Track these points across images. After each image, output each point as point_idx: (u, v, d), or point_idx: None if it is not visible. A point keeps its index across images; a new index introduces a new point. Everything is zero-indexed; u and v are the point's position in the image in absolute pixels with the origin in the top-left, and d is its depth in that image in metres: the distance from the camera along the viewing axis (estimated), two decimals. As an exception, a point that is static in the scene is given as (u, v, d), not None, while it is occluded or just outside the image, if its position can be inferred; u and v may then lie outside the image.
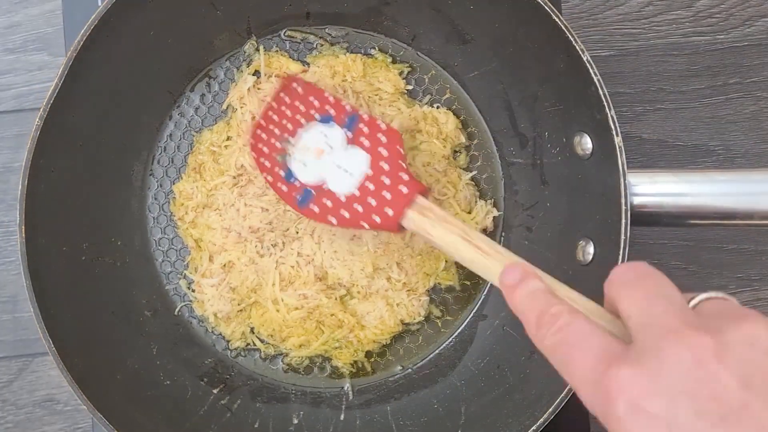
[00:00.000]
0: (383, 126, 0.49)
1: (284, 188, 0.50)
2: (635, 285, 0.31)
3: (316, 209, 0.48)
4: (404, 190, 0.46)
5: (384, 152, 0.48)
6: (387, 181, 0.47)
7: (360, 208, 0.47)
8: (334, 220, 0.48)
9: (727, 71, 0.63)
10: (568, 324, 0.31)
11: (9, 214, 0.61)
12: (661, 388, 0.27)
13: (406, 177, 0.46)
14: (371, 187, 0.47)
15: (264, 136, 0.52)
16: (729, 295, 0.31)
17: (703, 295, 0.31)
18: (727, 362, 0.26)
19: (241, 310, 0.56)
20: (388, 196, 0.46)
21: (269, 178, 0.51)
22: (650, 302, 0.29)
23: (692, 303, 0.31)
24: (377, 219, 0.46)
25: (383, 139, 0.48)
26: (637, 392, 0.27)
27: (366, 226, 0.47)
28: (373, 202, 0.46)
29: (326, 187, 0.49)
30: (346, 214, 0.47)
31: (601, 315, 0.34)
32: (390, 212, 0.46)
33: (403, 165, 0.47)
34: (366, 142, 0.49)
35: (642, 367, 0.27)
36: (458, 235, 0.42)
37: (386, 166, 0.47)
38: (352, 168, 0.48)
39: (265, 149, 0.52)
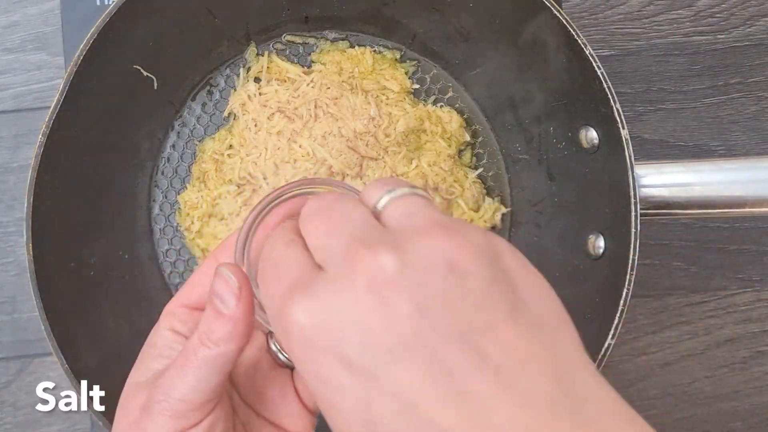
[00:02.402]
0: None
1: None
2: (318, 216, 0.28)
3: None
4: None
5: None
6: None
7: None
8: None
9: (729, 71, 0.63)
10: (275, 249, 0.28)
11: (8, 214, 0.60)
12: (331, 320, 0.24)
13: None
14: None
15: None
16: (423, 190, 0.28)
17: (385, 198, 0.27)
18: (402, 286, 0.23)
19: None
20: None
21: None
22: (331, 230, 0.27)
23: (380, 204, 0.27)
24: None
25: None
26: (309, 324, 0.24)
27: None
28: None
29: None
30: None
31: None
32: None
33: None
34: None
35: (317, 298, 0.24)
36: None
37: None
38: None
39: None
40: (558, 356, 0.23)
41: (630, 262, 0.44)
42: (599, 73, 0.45)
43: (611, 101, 0.44)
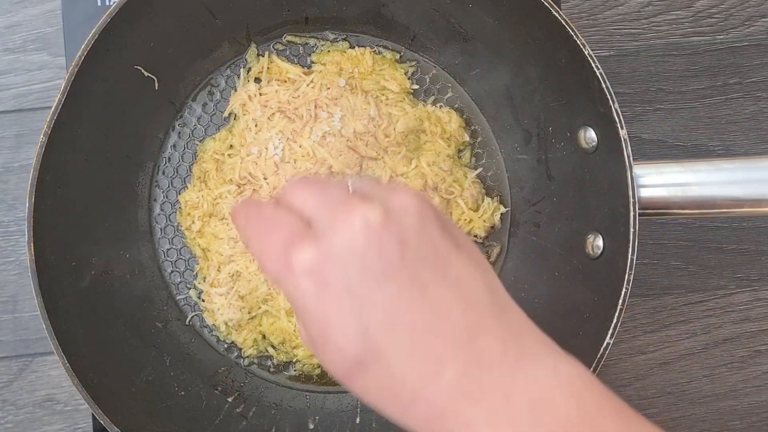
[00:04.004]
0: None
1: None
2: (303, 187, 0.34)
3: None
4: None
5: None
6: None
7: None
8: None
9: (727, 71, 0.63)
10: (265, 211, 0.35)
11: (9, 214, 0.61)
12: (335, 255, 0.30)
13: None
14: None
15: None
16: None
17: (351, 179, 0.35)
18: (389, 226, 0.31)
19: (252, 318, 0.56)
20: None
21: None
22: (318, 191, 0.34)
23: (349, 187, 0.35)
24: None
25: None
26: (316, 264, 0.31)
27: None
28: None
29: None
30: None
31: None
32: None
33: None
34: None
35: (318, 240, 0.31)
36: None
37: None
38: None
39: None
40: (487, 277, 0.33)
41: (628, 261, 0.44)
42: (598, 73, 0.45)
43: (610, 101, 0.45)
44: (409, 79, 0.58)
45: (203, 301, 0.56)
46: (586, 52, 0.45)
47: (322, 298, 0.31)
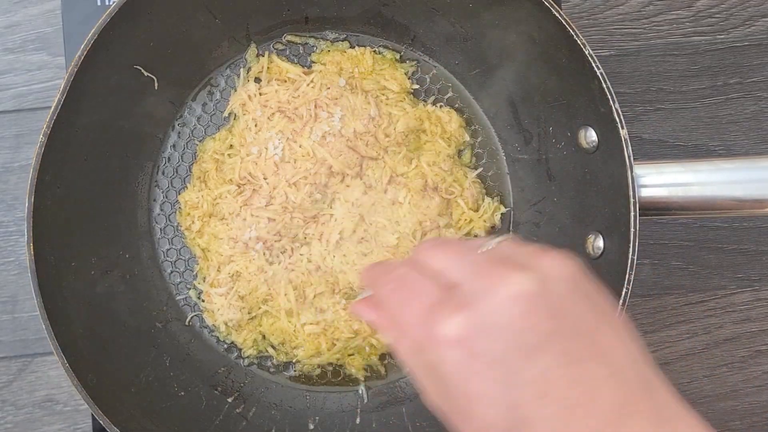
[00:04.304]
0: None
1: None
2: (441, 249, 0.34)
3: None
4: None
5: None
6: None
7: None
8: None
9: (728, 71, 0.63)
10: (402, 274, 0.34)
11: (9, 214, 0.61)
12: (486, 325, 0.29)
13: None
14: None
15: None
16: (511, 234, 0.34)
17: (493, 242, 0.34)
18: (543, 295, 0.30)
19: (252, 318, 0.56)
20: None
21: None
22: (460, 255, 0.33)
23: (484, 249, 0.34)
24: None
25: None
26: (465, 334, 0.29)
27: None
28: None
29: None
30: None
31: None
32: None
33: None
34: None
35: (466, 308, 0.30)
36: None
37: None
38: None
39: None
40: (636, 349, 0.31)
41: (629, 261, 0.44)
42: (598, 73, 0.45)
43: (610, 101, 0.45)
44: (409, 79, 0.58)
45: (203, 301, 0.56)
46: (586, 52, 0.45)
47: (470, 369, 0.29)
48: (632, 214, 0.44)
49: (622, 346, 0.30)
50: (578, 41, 0.45)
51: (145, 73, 0.53)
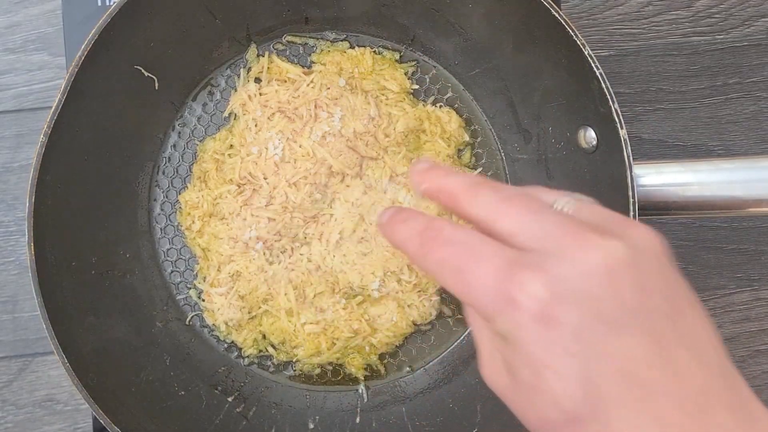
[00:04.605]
0: None
1: None
2: (515, 202, 0.30)
3: None
4: None
5: None
6: None
7: None
8: None
9: (727, 71, 0.63)
10: (456, 234, 0.30)
11: (9, 214, 0.61)
12: (568, 292, 0.27)
13: None
14: None
15: None
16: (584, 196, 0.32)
17: (568, 198, 0.31)
18: (631, 266, 0.27)
19: (252, 318, 0.56)
20: None
21: None
22: (535, 214, 0.29)
23: (559, 207, 0.31)
24: None
25: None
26: (545, 299, 0.27)
27: None
28: None
29: None
30: None
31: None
32: None
33: None
34: None
35: (546, 273, 0.27)
36: None
37: None
38: None
39: None
40: (714, 333, 0.29)
41: (628, 261, 0.44)
42: (598, 73, 0.45)
43: (610, 101, 0.45)
44: (409, 79, 0.58)
45: (203, 300, 0.56)
46: (586, 52, 0.45)
47: (546, 338, 0.27)
48: (631, 213, 0.44)
49: (705, 333, 0.28)
50: (578, 41, 0.45)
51: (146, 73, 0.53)
